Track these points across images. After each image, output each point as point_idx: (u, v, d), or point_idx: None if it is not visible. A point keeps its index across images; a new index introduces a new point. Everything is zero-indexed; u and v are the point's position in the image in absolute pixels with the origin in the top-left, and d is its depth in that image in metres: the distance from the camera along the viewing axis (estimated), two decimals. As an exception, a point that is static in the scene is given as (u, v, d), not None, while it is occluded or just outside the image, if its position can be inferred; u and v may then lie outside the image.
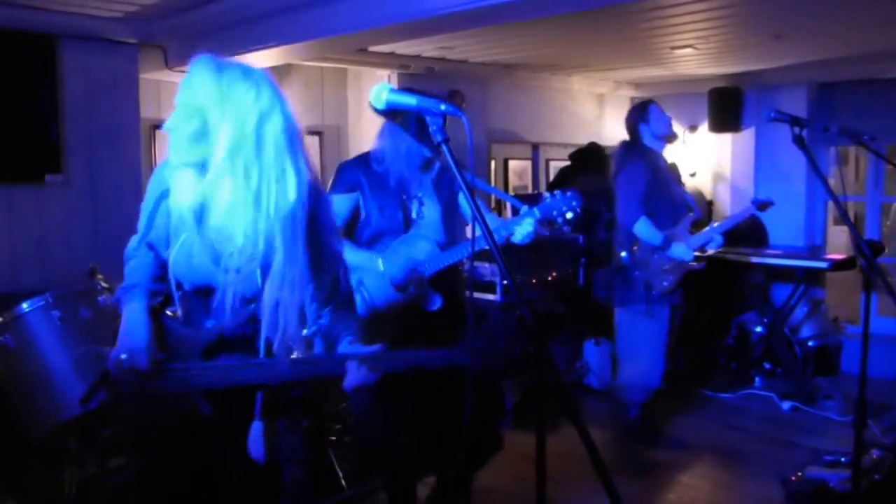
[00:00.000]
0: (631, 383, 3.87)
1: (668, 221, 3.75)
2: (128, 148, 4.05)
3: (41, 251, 3.77)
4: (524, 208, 2.66)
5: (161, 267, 1.88)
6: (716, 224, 4.00)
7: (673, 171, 3.97)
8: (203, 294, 1.83)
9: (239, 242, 1.73)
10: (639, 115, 3.86)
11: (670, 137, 3.89)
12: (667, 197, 3.78)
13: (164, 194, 1.82)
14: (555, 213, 2.61)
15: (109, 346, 1.82)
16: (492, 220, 2.81)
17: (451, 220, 2.81)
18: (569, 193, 2.64)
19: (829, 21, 3.93)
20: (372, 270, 2.64)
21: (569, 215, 2.61)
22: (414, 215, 2.71)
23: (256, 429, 1.82)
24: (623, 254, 3.77)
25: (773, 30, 4.09)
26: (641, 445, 3.90)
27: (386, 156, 2.67)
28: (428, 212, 2.72)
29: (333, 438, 3.49)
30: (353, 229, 2.71)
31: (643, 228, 3.66)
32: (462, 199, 2.82)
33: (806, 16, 3.82)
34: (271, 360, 1.78)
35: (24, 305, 2.64)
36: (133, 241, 1.95)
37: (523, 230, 2.60)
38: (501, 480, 3.29)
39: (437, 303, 2.68)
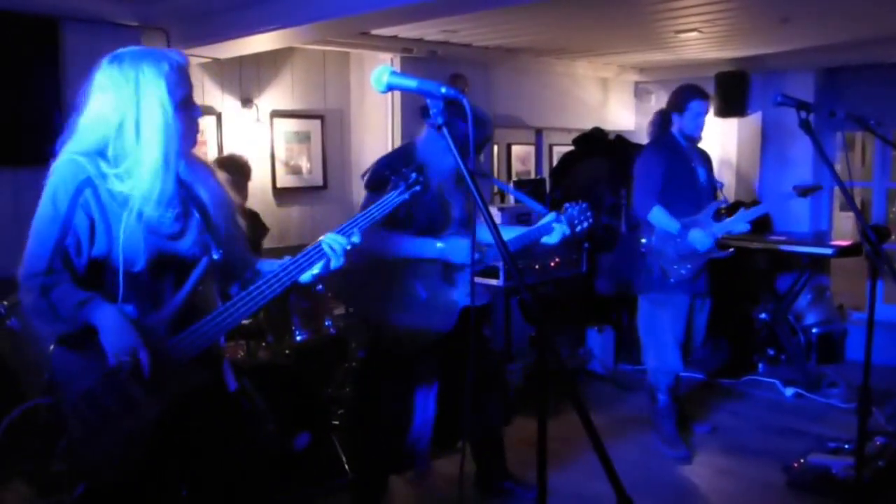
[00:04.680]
0: (653, 368, 3.84)
1: (690, 208, 3.66)
2: (130, 131, 4.04)
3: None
4: (551, 215, 2.85)
5: (74, 277, 1.82)
6: (746, 210, 3.80)
7: (702, 154, 3.85)
8: (156, 269, 1.83)
9: (170, 210, 1.83)
10: (677, 103, 3.71)
11: (694, 141, 3.76)
12: (688, 183, 3.68)
13: (86, 183, 1.76)
14: (577, 224, 2.87)
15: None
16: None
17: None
18: (584, 205, 2.88)
19: (838, 4, 3.88)
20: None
21: (579, 228, 2.87)
22: (454, 215, 2.83)
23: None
24: (643, 240, 3.71)
25: (780, 13, 4.04)
26: (674, 430, 3.83)
27: (431, 163, 2.70)
28: (462, 213, 2.86)
29: (336, 423, 3.50)
30: (396, 222, 2.75)
31: (658, 216, 3.61)
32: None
33: (814, -2, 3.78)
34: (255, 288, 1.85)
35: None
36: (35, 260, 1.82)
37: (556, 235, 2.81)
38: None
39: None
